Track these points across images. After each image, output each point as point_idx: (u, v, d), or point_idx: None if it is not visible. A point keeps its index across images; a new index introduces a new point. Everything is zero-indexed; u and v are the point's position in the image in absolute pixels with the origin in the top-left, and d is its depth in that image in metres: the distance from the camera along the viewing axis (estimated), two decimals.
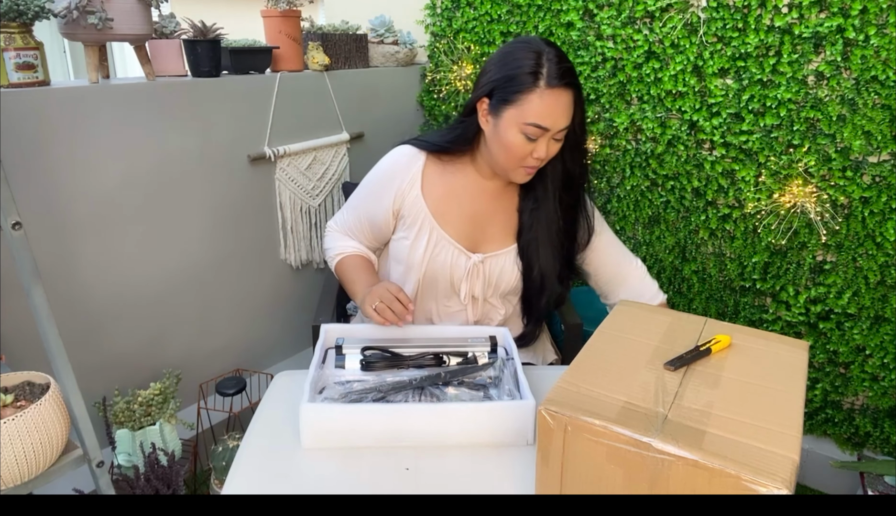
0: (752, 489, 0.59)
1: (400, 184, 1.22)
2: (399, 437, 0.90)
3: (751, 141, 1.60)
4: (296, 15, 1.77)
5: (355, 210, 1.31)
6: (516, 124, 1.09)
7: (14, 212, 0.97)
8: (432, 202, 1.21)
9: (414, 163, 1.23)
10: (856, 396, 1.66)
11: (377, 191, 1.25)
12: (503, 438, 0.91)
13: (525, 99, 1.07)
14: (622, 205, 1.86)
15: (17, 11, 1.24)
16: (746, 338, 0.84)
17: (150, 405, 1.40)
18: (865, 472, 1.54)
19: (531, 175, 1.16)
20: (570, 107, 1.09)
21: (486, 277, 1.23)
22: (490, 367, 1.02)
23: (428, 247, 1.21)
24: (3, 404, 0.97)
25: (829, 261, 1.60)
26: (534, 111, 1.07)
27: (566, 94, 1.08)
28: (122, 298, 1.51)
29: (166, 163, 1.52)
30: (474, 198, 1.23)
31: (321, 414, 0.89)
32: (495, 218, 1.24)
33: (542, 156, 1.11)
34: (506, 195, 1.25)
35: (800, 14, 1.47)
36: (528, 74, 1.06)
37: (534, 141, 1.10)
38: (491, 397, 0.96)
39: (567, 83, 1.07)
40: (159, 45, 1.54)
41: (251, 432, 0.96)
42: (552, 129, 1.08)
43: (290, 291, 1.93)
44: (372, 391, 0.95)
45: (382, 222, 1.25)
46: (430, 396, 0.96)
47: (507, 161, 1.14)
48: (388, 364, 1.02)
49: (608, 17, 1.72)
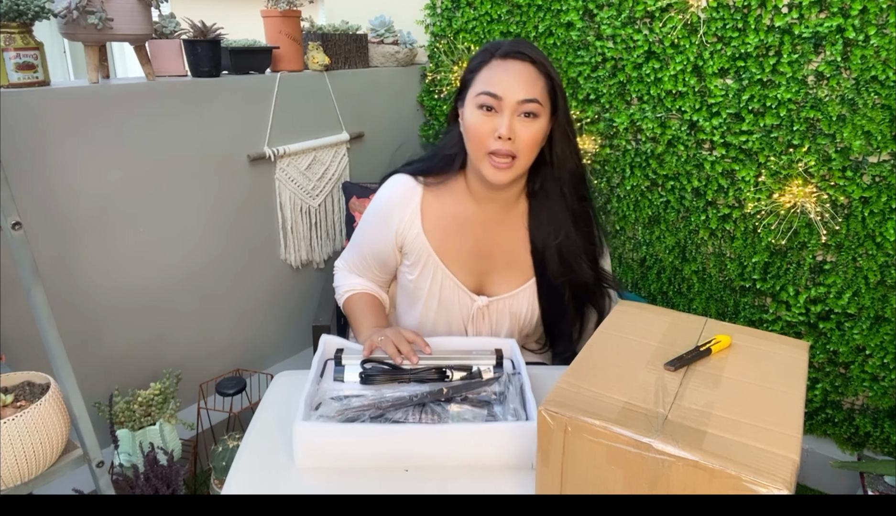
0: (752, 489, 0.59)
1: (399, 221, 1.16)
2: (397, 458, 0.86)
3: (751, 141, 1.60)
4: (296, 15, 1.77)
5: (359, 248, 1.25)
6: (473, 101, 1.06)
7: (14, 212, 0.97)
8: (435, 239, 1.16)
9: (411, 197, 1.17)
10: (856, 396, 1.66)
11: (377, 228, 1.20)
12: (507, 461, 0.86)
13: (479, 75, 1.07)
14: (622, 205, 1.86)
15: (17, 11, 1.24)
16: (746, 338, 0.83)
17: (150, 405, 1.40)
18: (865, 472, 1.54)
19: (502, 169, 1.05)
20: (527, 79, 1.04)
21: (494, 321, 1.19)
22: (495, 382, 0.96)
23: (434, 286, 1.17)
24: (3, 404, 0.97)
25: (829, 261, 1.60)
26: (484, 79, 1.05)
27: (520, 65, 1.05)
28: (122, 298, 1.51)
29: (166, 163, 1.52)
30: (476, 227, 1.17)
31: (316, 434, 0.85)
32: (500, 249, 1.18)
33: (503, 132, 1.02)
34: (508, 221, 1.18)
35: (800, 14, 1.47)
36: (484, 52, 1.08)
37: (491, 114, 1.04)
38: (495, 415, 0.91)
39: (521, 55, 1.05)
40: (159, 45, 1.54)
41: (251, 432, 0.96)
42: (504, 97, 1.03)
43: (290, 291, 1.93)
44: (370, 408, 0.90)
45: (387, 257, 1.21)
46: (431, 413, 0.91)
47: (474, 150, 1.07)
48: (389, 378, 0.97)
49: (608, 17, 1.72)
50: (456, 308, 1.18)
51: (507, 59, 1.05)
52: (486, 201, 1.16)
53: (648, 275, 1.89)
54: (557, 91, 1.08)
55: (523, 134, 1.04)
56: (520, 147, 1.05)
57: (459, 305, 1.18)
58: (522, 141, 1.05)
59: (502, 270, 1.18)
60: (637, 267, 1.91)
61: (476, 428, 0.88)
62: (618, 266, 1.94)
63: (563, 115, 1.10)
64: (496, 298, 1.18)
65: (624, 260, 1.93)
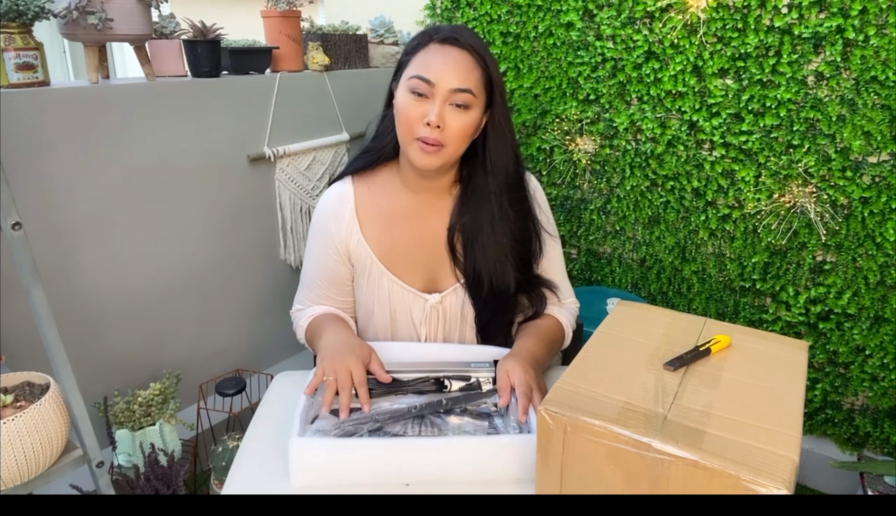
0: (751, 489, 0.59)
1: (337, 232, 1.13)
2: (398, 473, 0.83)
3: (751, 141, 1.60)
4: (296, 15, 1.77)
5: (310, 276, 1.19)
6: (405, 84, 1.03)
7: (14, 213, 0.97)
8: (375, 243, 1.13)
9: (344, 203, 1.14)
10: (856, 396, 1.66)
11: (319, 247, 1.16)
12: (510, 474, 0.84)
13: (415, 57, 1.03)
14: (622, 205, 1.87)
15: (17, 12, 1.24)
16: (746, 338, 0.83)
17: (150, 405, 1.40)
18: (865, 472, 1.54)
19: (429, 154, 1.02)
20: (463, 67, 1.01)
21: (447, 318, 1.16)
22: (495, 394, 0.96)
23: (382, 295, 1.15)
24: (3, 404, 0.97)
25: (828, 261, 1.60)
26: (417, 64, 1.02)
27: (457, 52, 1.02)
28: (121, 298, 1.50)
29: (166, 163, 1.52)
30: (413, 219, 1.14)
31: (313, 450, 0.82)
32: (440, 240, 1.14)
33: (432, 119, 0.99)
34: (444, 209, 1.14)
35: (799, 14, 1.47)
36: (423, 35, 1.06)
37: (422, 99, 1.01)
38: (496, 427, 0.90)
39: (459, 42, 1.02)
40: (159, 45, 1.54)
41: (251, 432, 0.96)
42: (437, 83, 1.00)
43: (290, 291, 1.91)
44: (368, 421, 0.88)
45: (339, 273, 1.16)
46: (430, 426, 0.89)
47: (402, 133, 1.04)
48: (386, 390, 0.95)
49: (608, 17, 1.72)
50: (408, 313, 1.15)
51: (444, 45, 1.03)
52: (420, 190, 1.13)
53: (648, 275, 1.89)
54: (494, 84, 1.05)
55: (453, 124, 1.02)
56: (448, 136, 1.02)
57: (412, 309, 1.15)
58: (451, 131, 1.02)
59: (443, 261, 1.15)
60: (637, 267, 1.91)
61: (478, 441, 0.86)
62: (618, 266, 1.94)
63: (499, 111, 1.07)
64: (449, 291, 1.15)
65: (624, 260, 1.93)
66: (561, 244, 1.24)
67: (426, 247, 1.14)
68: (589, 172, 1.90)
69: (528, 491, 0.81)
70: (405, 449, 0.83)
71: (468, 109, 1.03)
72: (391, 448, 0.83)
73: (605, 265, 1.98)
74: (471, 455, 0.84)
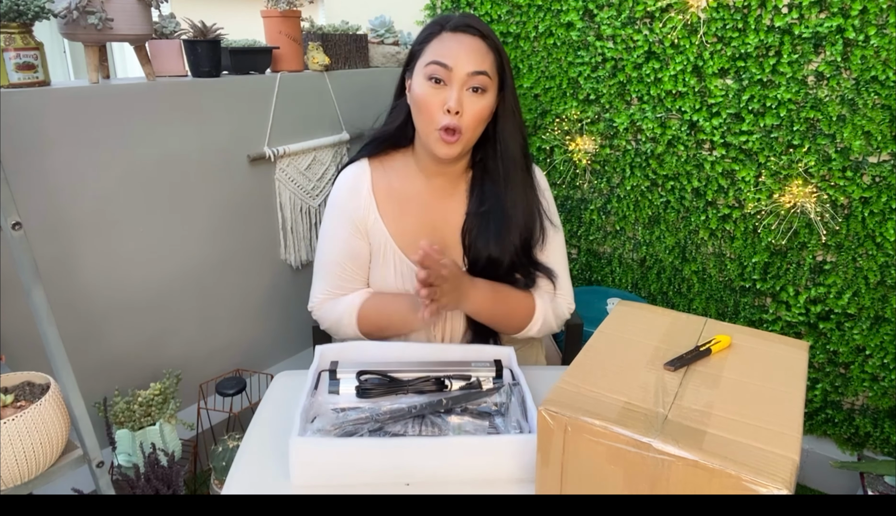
0: (752, 489, 0.59)
1: (356, 209, 1.15)
2: (399, 473, 0.83)
3: (751, 141, 1.60)
4: (296, 15, 1.77)
5: (329, 258, 1.19)
6: (422, 72, 1.06)
7: (14, 212, 0.97)
8: (391, 223, 1.15)
9: (361, 182, 1.16)
10: (856, 396, 1.66)
11: (338, 224, 1.17)
12: (511, 474, 0.84)
13: (429, 46, 1.08)
14: (622, 205, 1.87)
15: (17, 11, 1.24)
16: (746, 338, 0.83)
17: (150, 405, 1.40)
18: (865, 472, 1.54)
19: (451, 144, 1.06)
20: (477, 51, 1.06)
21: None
22: (496, 393, 0.95)
23: (393, 276, 1.16)
24: (3, 404, 0.97)
25: (829, 261, 1.60)
26: (433, 51, 1.06)
27: (470, 38, 1.06)
28: (122, 298, 1.51)
29: (166, 163, 1.52)
30: (427, 203, 1.17)
31: (313, 450, 0.82)
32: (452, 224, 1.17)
33: (452, 105, 1.03)
34: (457, 194, 1.18)
35: (800, 14, 1.47)
36: (434, 25, 1.09)
37: (440, 86, 1.05)
38: (497, 427, 0.90)
39: (470, 29, 1.06)
40: (159, 45, 1.54)
41: (251, 432, 0.96)
42: (454, 67, 1.04)
43: (290, 291, 1.93)
44: (368, 421, 0.88)
45: (362, 251, 1.17)
46: (431, 425, 0.89)
47: (423, 126, 1.07)
48: (386, 390, 0.95)
49: (608, 17, 1.72)
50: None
51: (457, 32, 1.07)
52: (434, 175, 1.17)
53: (648, 275, 1.89)
54: (506, 67, 1.10)
55: (471, 108, 1.05)
56: (466, 122, 1.05)
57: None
58: (469, 115, 1.06)
59: (455, 246, 1.17)
60: (637, 267, 1.91)
61: (479, 441, 0.86)
62: (618, 266, 1.94)
63: (510, 93, 1.11)
64: None
65: (624, 260, 1.93)
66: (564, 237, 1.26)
67: (438, 232, 1.17)
68: (589, 172, 1.91)
69: (528, 491, 0.81)
70: (405, 449, 0.83)
71: (485, 93, 1.07)
72: (391, 447, 0.83)
73: (606, 265, 1.98)
74: (471, 455, 0.84)
